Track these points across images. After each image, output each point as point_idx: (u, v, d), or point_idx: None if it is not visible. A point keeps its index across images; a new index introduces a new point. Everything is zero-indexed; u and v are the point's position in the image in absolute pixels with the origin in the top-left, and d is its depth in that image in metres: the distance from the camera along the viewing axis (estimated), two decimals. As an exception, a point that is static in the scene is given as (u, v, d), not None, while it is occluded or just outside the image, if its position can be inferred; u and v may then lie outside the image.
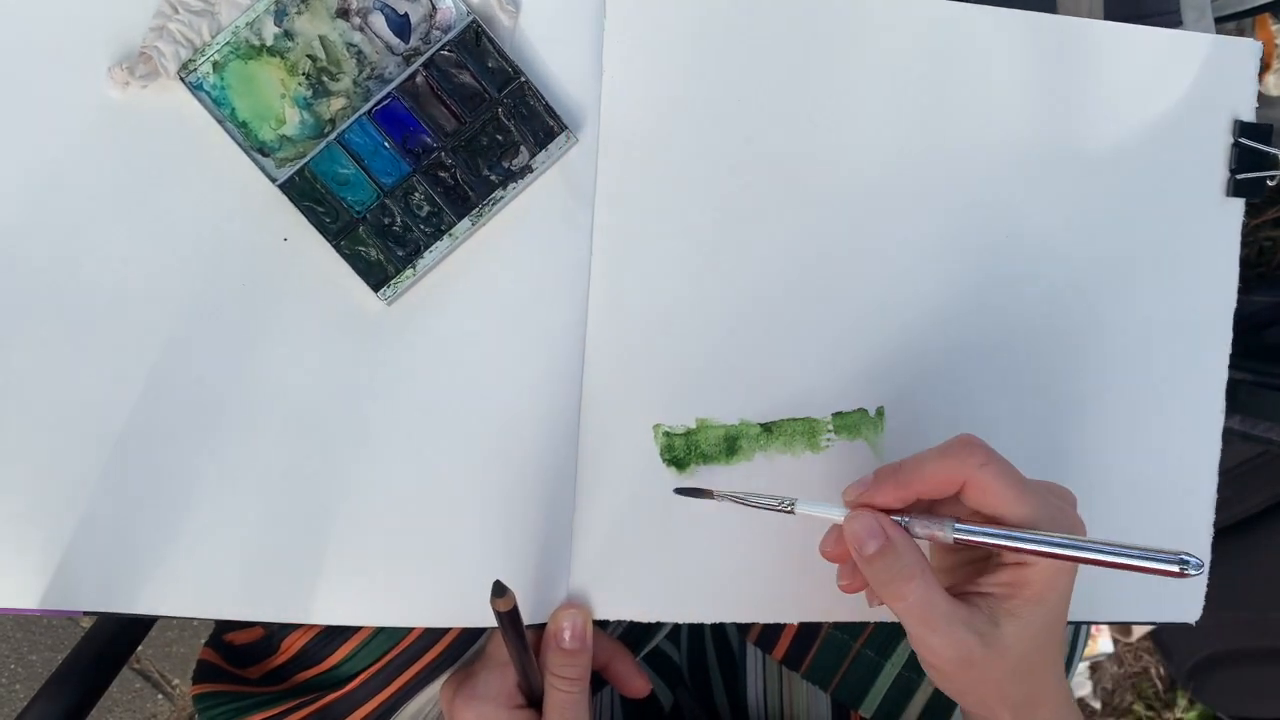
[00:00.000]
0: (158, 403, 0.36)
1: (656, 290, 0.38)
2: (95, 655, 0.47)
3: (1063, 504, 0.33)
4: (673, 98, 0.38)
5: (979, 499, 0.32)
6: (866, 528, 0.32)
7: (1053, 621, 0.32)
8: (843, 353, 0.40)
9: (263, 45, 0.35)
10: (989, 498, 0.32)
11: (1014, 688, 0.32)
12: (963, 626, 0.31)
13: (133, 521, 0.36)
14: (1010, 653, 0.31)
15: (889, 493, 0.33)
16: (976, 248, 0.41)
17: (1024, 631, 0.31)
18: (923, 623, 0.31)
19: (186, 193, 0.36)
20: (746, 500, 0.35)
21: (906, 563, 0.31)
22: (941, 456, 0.32)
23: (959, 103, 0.40)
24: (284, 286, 0.36)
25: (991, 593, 0.32)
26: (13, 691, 0.94)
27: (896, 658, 0.46)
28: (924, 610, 0.31)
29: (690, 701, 0.52)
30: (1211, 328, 0.43)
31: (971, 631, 0.31)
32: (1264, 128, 0.43)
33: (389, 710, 0.41)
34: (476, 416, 0.37)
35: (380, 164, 0.36)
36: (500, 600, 0.31)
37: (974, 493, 0.32)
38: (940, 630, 0.31)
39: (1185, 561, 0.28)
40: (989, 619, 0.31)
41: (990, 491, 0.31)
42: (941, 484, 0.32)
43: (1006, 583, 0.32)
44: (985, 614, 0.31)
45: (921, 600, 0.31)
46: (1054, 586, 0.32)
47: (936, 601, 0.31)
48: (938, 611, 0.31)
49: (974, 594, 0.33)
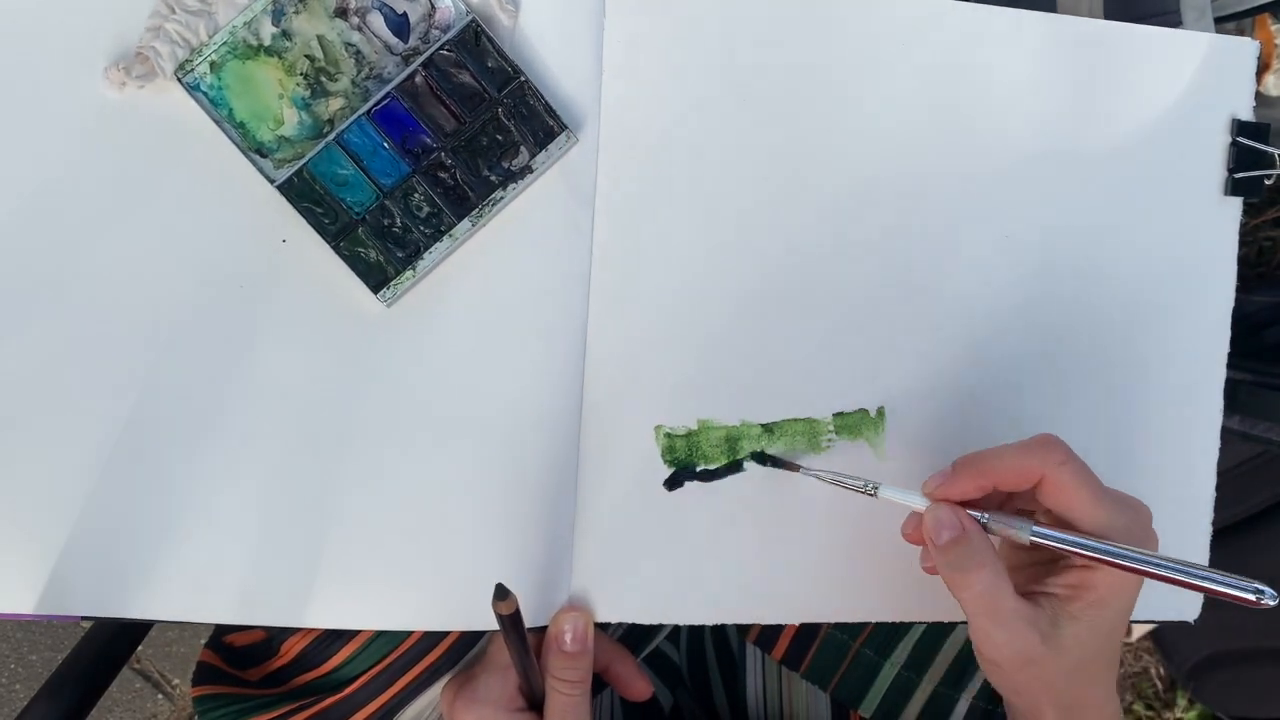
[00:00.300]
0: (155, 405, 0.36)
1: (657, 291, 0.38)
2: (95, 655, 0.47)
3: (1137, 515, 0.33)
4: (673, 97, 0.38)
5: (1054, 497, 0.32)
6: (944, 517, 0.33)
7: (1113, 628, 0.33)
8: (843, 353, 0.40)
9: (260, 45, 0.35)
10: (1064, 497, 0.32)
11: (1066, 689, 0.33)
12: (1026, 623, 0.31)
13: (129, 525, 0.36)
14: (1068, 654, 0.32)
15: (967, 481, 0.33)
16: (975, 247, 0.41)
17: (1084, 635, 0.32)
18: (988, 615, 0.32)
19: (184, 194, 0.36)
20: (830, 478, 0.36)
21: (978, 554, 0.32)
22: (1022, 450, 0.33)
23: (957, 102, 0.40)
24: (282, 288, 0.36)
25: (1056, 593, 0.32)
26: (13, 691, 0.94)
27: (896, 657, 0.46)
28: (990, 602, 0.32)
29: (690, 702, 0.52)
30: (1210, 327, 0.43)
31: (1034, 629, 0.31)
32: (1262, 127, 0.43)
33: (389, 713, 0.41)
34: (477, 418, 0.37)
35: (379, 164, 0.36)
36: (502, 603, 0.31)
37: (1050, 490, 0.32)
38: (1004, 624, 0.31)
39: (1261, 591, 0.29)
40: (1051, 619, 0.32)
41: (1067, 491, 0.32)
42: (1019, 477, 0.33)
43: (1072, 585, 0.32)
44: (1048, 614, 0.32)
45: (988, 591, 0.31)
46: (1119, 593, 0.32)
47: (1004, 595, 0.32)
48: (1004, 605, 0.31)
49: (1039, 593, 0.33)
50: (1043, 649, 0.31)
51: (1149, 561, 0.30)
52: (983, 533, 0.33)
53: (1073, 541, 0.31)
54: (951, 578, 0.33)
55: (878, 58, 0.39)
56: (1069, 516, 0.32)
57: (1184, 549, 0.44)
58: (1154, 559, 0.30)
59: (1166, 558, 0.30)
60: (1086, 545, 0.31)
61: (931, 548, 0.33)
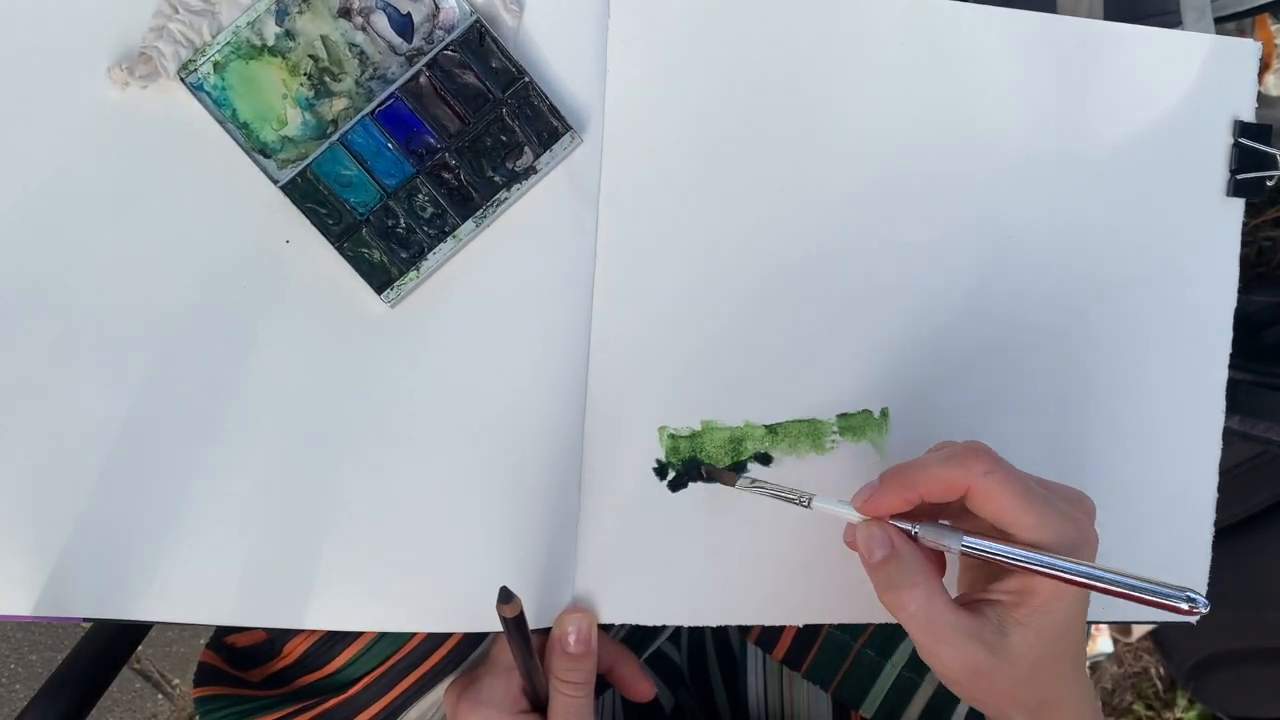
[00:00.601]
0: (157, 405, 0.36)
1: (661, 291, 0.38)
2: (95, 656, 0.46)
3: (1076, 513, 0.32)
4: (677, 97, 0.38)
5: (983, 507, 0.32)
6: (875, 534, 0.32)
7: (1064, 629, 0.32)
8: (847, 354, 0.40)
9: (264, 45, 0.35)
10: (992, 506, 0.31)
11: (1027, 694, 0.32)
12: (967, 637, 0.31)
13: (130, 526, 0.36)
14: (1021, 661, 0.31)
15: (894, 494, 0.33)
16: (978, 248, 0.41)
17: (1033, 640, 0.31)
18: (928, 633, 0.31)
19: (187, 195, 0.36)
20: (765, 489, 0.36)
21: (909, 572, 0.31)
22: (946, 461, 0.32)
23: (959, 103, 0.40)
24: (286, 289, 0.36)
25: (1001, 600, 0.32)
26: (13, 691, 0.94)
27: (897, 658, 0.46)
28: (927, 620, 0.31)
29: (691, 702, 0.52)
30: (1212, 328, 0.43)
31: (978, 642, 0.31)
32: (1264, 128, 0.43)
33: (393, 714, 0.41)
34: (480, 420, 0.37)
35: (383, 165, 0.36)
36: (507, 606, 0.31)
37: (978, 500, 0.32)
38: (945, 640, 0.31)
39: (1193, 600, 0.29)
40: (997, 628, 0.31)
41: (994, 500, 0.31)
42: (944, 489, 0.32)
43: (1015, 590, 0.32)
44: (994, 623, 0.31)
45: (924, 610, 0.31)
46: (1062, 596, 0.31)
47: (940, 612, 0.31)
48: (942, 622, 0.31)
49: (985, 600, 0.32)
50: (990, 660, 0.31)
51: (1078, 571, 0.30)
52: (915, 549, 0.32)
53: (1002, 552, 0.31)
54: (886, 597, 0.32)
55: (878, 58, 0.39)
56: (1001, 525, 0.32)
57: (1185, 549, 0.44)
58: (1085, 568, 0.30)
59: (1097, 567, 0.30)
60: (1015, 555, 0.30)
61: (865, 566, 0.33)
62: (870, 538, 0.33)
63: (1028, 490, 0.31)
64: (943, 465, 0.32)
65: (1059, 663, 0.33)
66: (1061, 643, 0.32)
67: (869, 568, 0.33)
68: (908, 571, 0.31)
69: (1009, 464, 0.32)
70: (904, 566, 0.32)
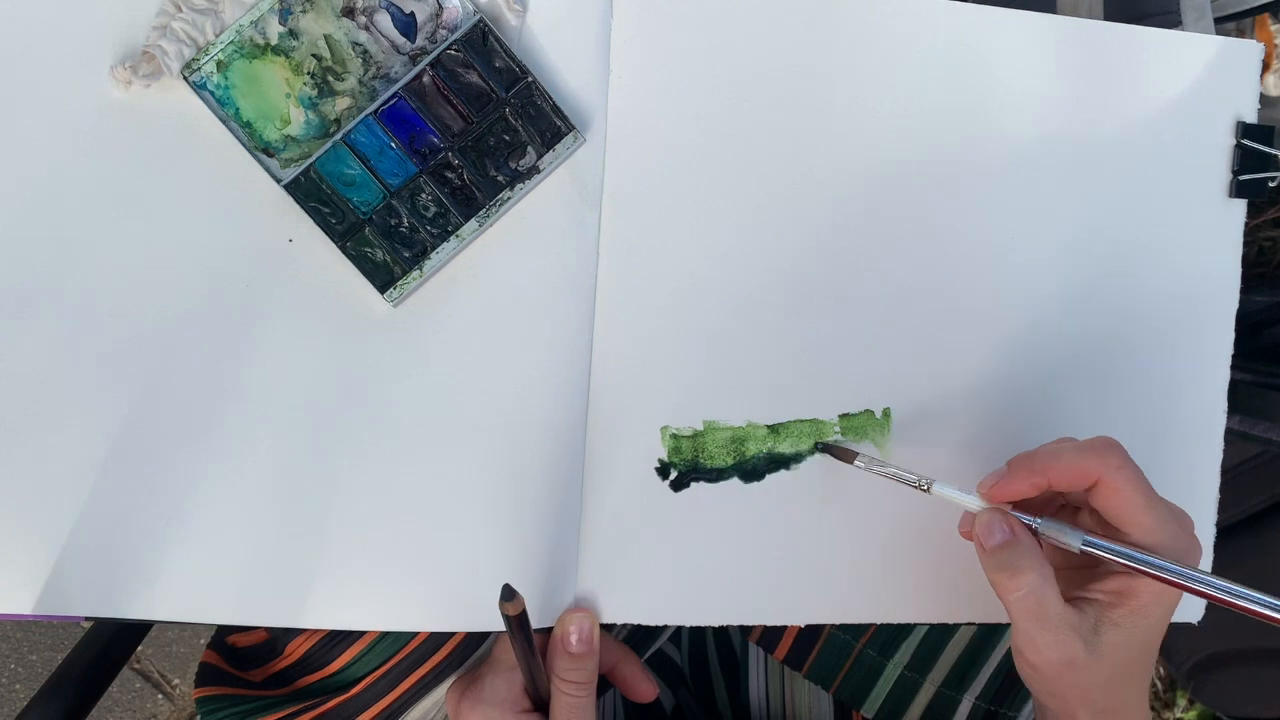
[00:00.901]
0: (158, 404, 0.36)
1: (664, 291, 0.38)
2: (95, 656, 0.46)
3: (1183, 525, 0.33)
4: (681, 97, 0.38)
5: (1107, 501, 0.32)
6: (995, 521, 0.33)
7: (1152, 636, 0.33)
8: (849, 354, 0.40)
9: (267, 44, 0.35)
10: (1117, 502, 0.32)
11: (1101, 695, 0.33)
12: (1069, 628, 0.31)
13: (130, 525, 0.36)
14: (1107, 661, 0.32)
15: (1023, 480, 0.33)
16: (978, 249, 0.41)
17: (1123, 641, 0.32)
18: (1033, 618, 0.32)
19: (190, 194, 0.35)
20: (885, 471, 0.36)
21: (1026, 557, 0.32)
22: (1080, 451, 0.33)
23: (959, 104, 0.40)
24: (289, 288, 0.36)
25: (1099, 599, 0.33)
26: (13, 691, 0.94)
27: (899, 658, 0.46)
28: (1036, 605, 0.32)
29: (692, 702, 0.52)
30: (1213, 328, 0.43)
31: (1077, 635, 0.31)
32: (1266, 129, 0.43)
33: (395, 714, 0.41)
34: (483, 418, 0.37)
35: (386, 164, 0.36)
36: (509, 604, 0.31)
37: (1104, 493, 0.32)
38: (1049, 628, 0.31)
39: None
40: (1093, 625, 0.32)
41: (1120, 496, 0.32)
42: (1075, 478, 0.33)
43: (1115, 591, 0.32)
44: (1090, 620, 0.32)
45: (1035, 595, 0.32)
46: (1160, 602, 0.32)
47: (1050, 600, 0.32)
48: (1050, 609, 0.31)
49: (1081, 598, 0.33)
50: (1084, 654, 0.31)
51: (1198, 579, 0.30)
52: (1032, 537, 0.33)
53: (1124, 553, 0.31)
54: (999, 579, 0.32)
55: (880, 59, 0.39)
56: (1119, 522, 0.32)
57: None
58: (1203, 576, 0.30)
59: (1215, 575, 0.30)
60: (1137, 558, 0.31)
61: (980, 549, 0.34)
62: (990, 522, 0.33)
63: (1151, 492, 0.32)
64: (1078, 454, 0.33)
65: (1135, 670, 0.33)
66: (1145, 651, 0.33)
67: (984, 552, 0.33)
68: (1025, 556, 0.32)
69: (1135, 463, 0.33)
70: (1022, 550, 0.32)
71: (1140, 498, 0.32)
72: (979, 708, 0.46)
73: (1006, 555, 0.32)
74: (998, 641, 0.46)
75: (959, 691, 0.46)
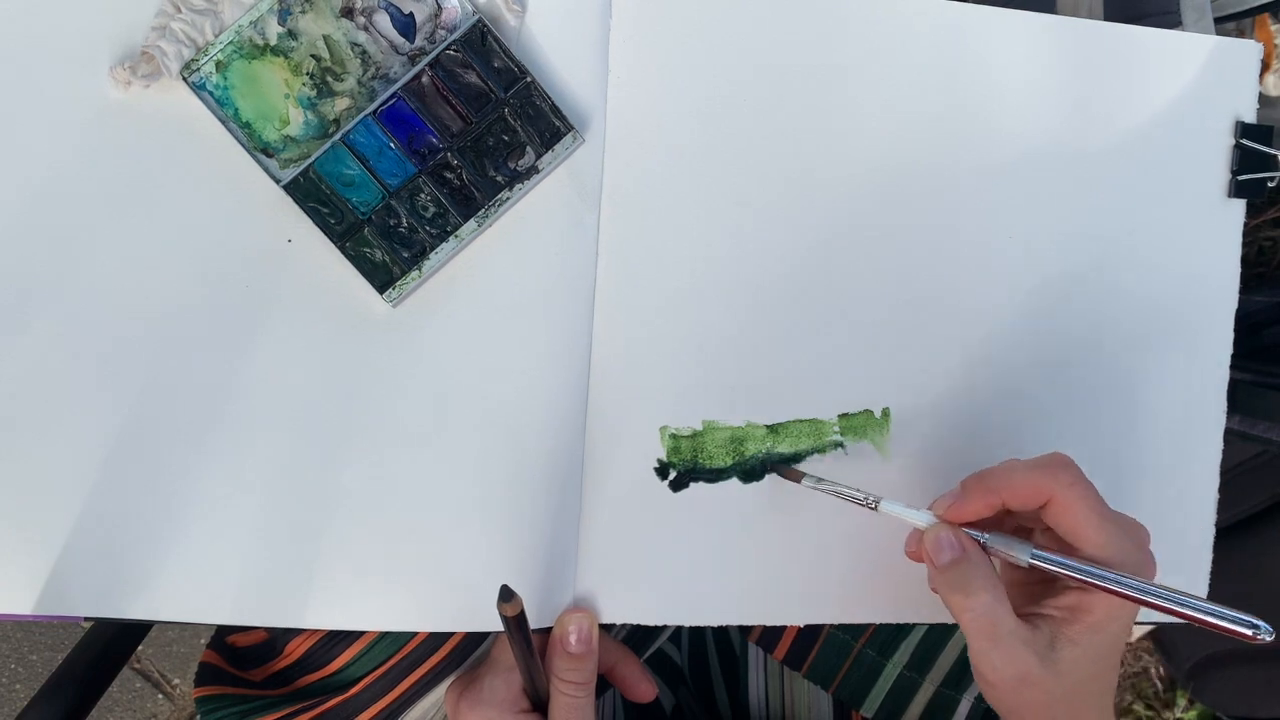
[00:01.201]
0: (157, 404, 0.36)
1: (663, 291, 0.38)
2: (95, 655, 0.46)
3: (1137, 540, 0.33)
4: (680, 97, 0.38)
5: (1059, 518, 0.32)
6: (944, 538, 0.33)
7: (1109, 651, 0.33)
8: (848, 354, 0.40)
9: (266, 45, 0.35)
10: (1070, 519, 0.32)
11: (1062, 711, 0.33)
12: (1023, 645, 0.31)
13: (130, 525, 0.36)
14: (1065, 677, 0.32)
15: (977, 499, 0.33)
16: (978, 249, 0.41)
17: (1080, 657, 0.32)
18: (986, 636, 0.32)
19: (189, 194, 0.36)
20: (833, 489, 0.36)
21: (978, 575, 0.32)
22: (1032, 469, 0.33)
23: (959, 104, 0.40)
24: (288, 288, 0.36)
25: (1053, 615, 0.32)
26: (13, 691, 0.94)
27: (898, 658, 0.46)
28: (989, 623, 0.31)
29: (692, 702, 0.52)
30: (1212, 328, 0.43)
31: (1031, 651, 0.31)
32: (1265, 129, 0.43)
33: (394, 714, 0.41)
34: (482, 419, 0.37)
35: (385, 165, 0.36)
36: (508, 605, 0.31)
37: (1056, 510, 0.32)
38: (1002, 645, 0.31)
39: (1257, 626, 0.29)
40: (1048, 642, 0.32)
41: (1073, 513, 0.32)
42: (1028, 496, 0.33)
43: (1069, 607, 0.32)
44: (1045, 636, 0.32)
45: (987, 613, 0.31)
46: (1116, 618, 0.32)
47: (1002, 617, 0.31)
48: (1003, 627, 0.31)
49: (1035, 615, 0.33)
50: (1040, 671, 0.31)
51: (1148, 591, 0.30)
52: (983, 554, 0.33)
53: (1073, 566, 0.31)
54: (951, 599, 0.32)
55: (880, 59, 0.39)
56: (1072, 538, 0.32)
57: (1186, 550, 0.44)
58: (1153, 589, 0.30)
59: (1165, 588, 0.30)
60: (1087, 571, 0.31)
61: (931, 568, 0.33)
62: (939, 540, 0.33)
63: (1103, 508, 0.32)
64: (1030, 473, 0.33)
65: (1095, 686, 0.33)
66: (1102, 666, 0.33)
67: (935, 570, 0.33)
68: (976, 574, 0.32)
69: (1087, 479, 0.33)
70: (973, 568, 0.32)
71: (1092, 514, 0.32)
72: (978, 707, 0.46)
73: (958, 574, 0.32)
74: (996, 641, 0.46)
75: (958, 691, 0.46)
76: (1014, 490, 0.33)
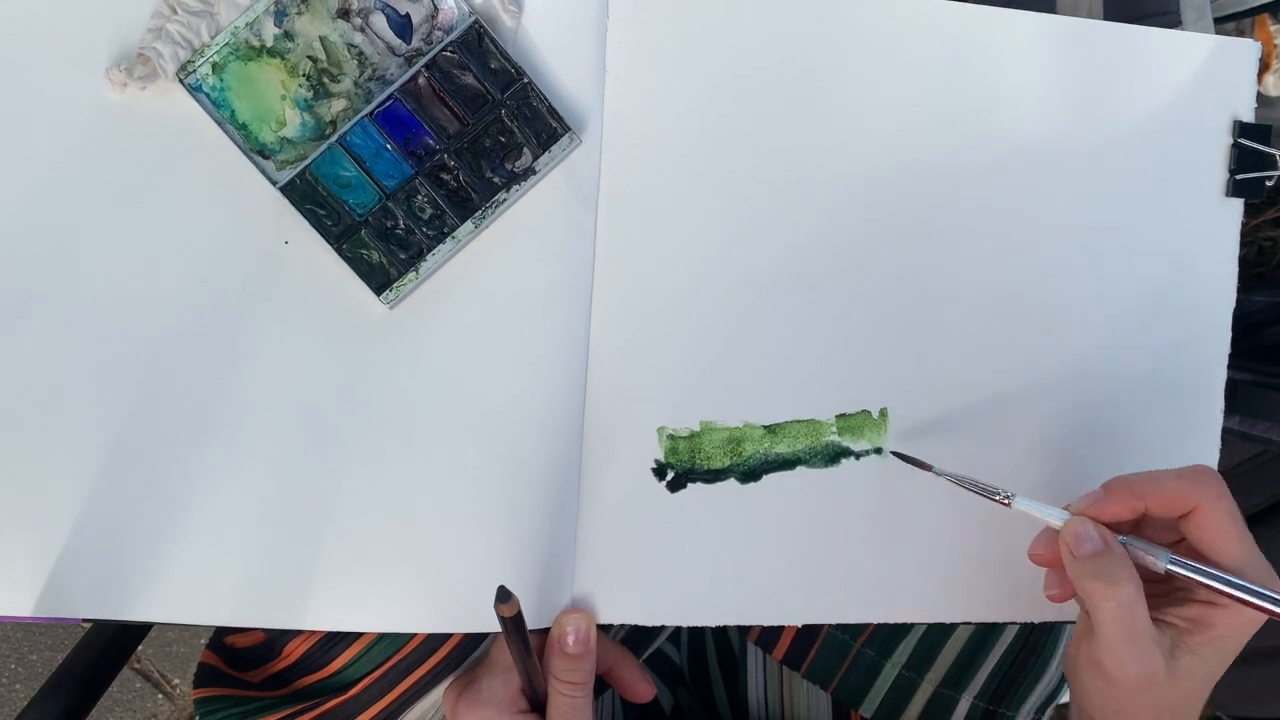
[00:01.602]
0: (155, 406, 0.36)
1: (660, 292, 0.38)
2: (95, 656, 0.47)
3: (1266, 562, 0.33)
4: (677, 98, 0.38)
5: (1200, 529, 0.32)
6: (1086, 530, 0.33)
7: (1220, 665, 0.33)
8: (846, 354, 0.40)
9: (262, 46, 0.35)
10: (1211, 530, 0.32)
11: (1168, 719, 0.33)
12: (1155, 645, 0.31)
13: (129, 526, 0.36)
14: (1179, 685, 0.32)
15: (1121, 502, 0.33)
16: (977, 248, 0.41)
17: (1198, 669, 0.32)
18: (1123, 629, 0.31)
19: (186, 196, 0.36)
20: (963, 483, 0.36)
21: (1122, 567, 0.32)
22: (1179, 478, 0.33)
23: (957, 103, 0.40)
24: (285, 290, 0.36)
25: (1175, 624, 0.32)
26: (13, 691, 0.94)
27: (897, 657, 0.46)
28: (1128, 617, 0.31)
29: (691, 702, 0.52)
30: (1211, 328, 0.43)
31: (1161, 652, 0.31)
32: (1263, 128, 0.43)
33: (392, 715, 0.41)
34: (479, 420, 0.37)
35: (382, 166, 0.36)
36: (505, 606, 0.31)
37: (1199, 520, 0.32)
38: (1137, 642, 0.31)
39: None
40: (1170, 648, 0.32)
41: (1217, 525, 0.32)
42: (1173, 503, 0.33)
43: (1192, 618, 0.32)
44: (1168, 642, 0.32)
45: (1129, 606, 0.31)
46: (1236, 633, 0.32)
47: (1140, 614, 0.31)
48: (1140, 624, 0.31)
49: (1159, 622, 0.33)
50: (1165, 674, 0.31)
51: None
52: (1124, 550, 0.33)
53: (1214, 575, 0.31)
54: (1094, 587, 0.32)
55: (878, 58, 0.39)
56: (1211, 550, 0.32)
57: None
58: None
59: None
60: (1227, 580, 0.31)
61: (1068, 559, 0.33)
62: (1081, 532, 0.33)
63: (1244, 525, 0.32)
64: (1178, 481, 0.33)
65: (1197, 700, 0.33)
66: (1211, 679, 0.33)
67: (1074, 560, 0.33)
68: (1120, 566, 0.32)
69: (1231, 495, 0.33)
70: (1116, 560, 0.32)
71: (1236, 528, 0.32)
72: (977, 707, 0.46)
73: (1101, 564, 0.32)
74: (996, 641, 0.46)
75: (957, 691, 0.46)
76: (1160, 497, 0.33)
